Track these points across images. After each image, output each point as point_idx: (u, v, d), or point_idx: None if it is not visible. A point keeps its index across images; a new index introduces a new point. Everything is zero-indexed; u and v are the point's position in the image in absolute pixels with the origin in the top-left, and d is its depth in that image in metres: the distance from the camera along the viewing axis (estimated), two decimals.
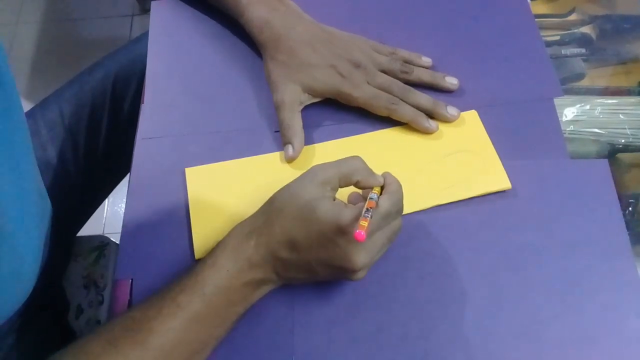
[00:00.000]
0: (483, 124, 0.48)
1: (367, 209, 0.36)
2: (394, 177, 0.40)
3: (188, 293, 0.37)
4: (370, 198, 0.37)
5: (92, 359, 0.35)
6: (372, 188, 0.39)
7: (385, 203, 0.38)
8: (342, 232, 0.36)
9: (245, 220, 0.40)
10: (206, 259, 0.39)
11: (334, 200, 0.38)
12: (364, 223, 0.34)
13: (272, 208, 0.39)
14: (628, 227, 0.42)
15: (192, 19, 0.57)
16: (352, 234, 0.35)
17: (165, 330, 0.36)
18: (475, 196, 0.44)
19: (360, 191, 0.42)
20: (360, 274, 0.38)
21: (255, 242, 0.38)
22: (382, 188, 0.40)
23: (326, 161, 0.47)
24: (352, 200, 0.42)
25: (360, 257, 0.37)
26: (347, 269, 0.37)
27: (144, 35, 0.60)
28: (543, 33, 0.53)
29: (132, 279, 0.43)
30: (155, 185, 0.47)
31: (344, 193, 0.42)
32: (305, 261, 0.38)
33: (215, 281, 0.37)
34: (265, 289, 0.40)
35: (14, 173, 0.39)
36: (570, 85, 0.57)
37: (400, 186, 0.40)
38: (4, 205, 0.37)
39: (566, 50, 0.58)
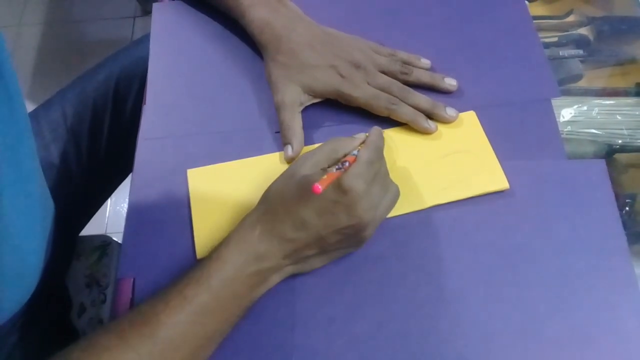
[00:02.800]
0: (481, 124, 0.48)
1: (342, 162, 0.39)
2: (374, 130, 0.43)
3: (194, 286, 0.37)
4: (352, 154, 0.40)
5: (101, 353, 0.35)
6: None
7: (363, 152, 0.40)
8: (339, 189, 0.38)
9: (247, 214, 0.41)
10: (211, 254, 0.39)
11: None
12: (327, 177, 0.37)
13: (270, 196, 0.41)
14: (625, 227, 0.42)
15: (194, 21, 0.57)
16: (349, 185, 0.38)
17: (173, 323, 0.36)
18: (474, 196, 0.45)
19: None
20: (369, 230, 0.40)
21: (260, 231, 0.39)
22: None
23: None
24: None
25: (364, 209, 0.38)
26: (354, 225, 0.39)
27: (146, 37, 0.60)
28: (541, 34, 0.53)
29: (134, 278, 0.43)
30: (157, 185, 0.48)
31: None
32: (315, 234, 0.39)
33: (220, 274, 0.38)
34: (272, 281, 0.41)
35: (18, 174, 0.39)
36: (567, 86, 0.57)
37: (379, 133, 0.42)
38: (7, 206, 0.37)
39: (564, 52, 0.58)
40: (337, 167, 0.39)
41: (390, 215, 0.44)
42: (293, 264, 0.41)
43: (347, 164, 0.39)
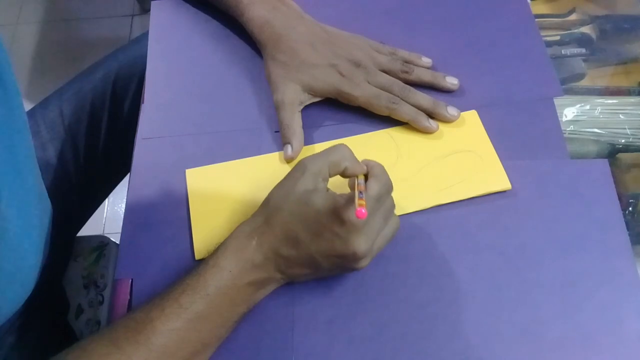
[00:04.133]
0: (483, 123, 0.48)
1: (359, 191, 0.36)
2: (375, 161, 0.41)
3: (190, 293, 0.37)
4: (359, 183, 0.38)
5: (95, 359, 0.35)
6: (357, 176, 0.39)
7: (374, 186, 0.38)
8: (339, 218, 0.37)
9: (245, 221, 0.41)
10: (208, 260, 0.39)
11: (327, 191, 0.39)
12: (361, 202, 0.34)
13: (269, 207, 0.40)
14: (628, 227, 0.42)
15: (193, 19, 0.57)
16: (349, 218, 0.36)
17: (168, 330, 0.36)
18: (476, 196, 0.44)
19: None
20: (364, 262, 0.38)
21: (257, 242, 0.38)
22: (366, 176, 0.40)
23: None
24: None
25: (361, 242, 0.37)
26: (348, 256, 0.38)
27: (144, 35, 0.60)
28: (543, 33, 0.53)
29: (132, 279, 0.43)
30: (155, 185, 0.47)
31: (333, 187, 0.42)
32: (308, 255, 0.38)
33: (217, 282, 0.37)
34: (269, 289, 0.40)
35: (15, 173, 0.39)
36: (570, 85, 0.57)
37: (383, 168, 0.40)
38: (4, 206, 0.37)
39: (566, 50, 0.58)
40: (359, 195, 0.36)
41: None
42: (286, 278, 0.40)
43: (362, 195, 0.37)
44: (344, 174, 0.40)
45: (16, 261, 0.39)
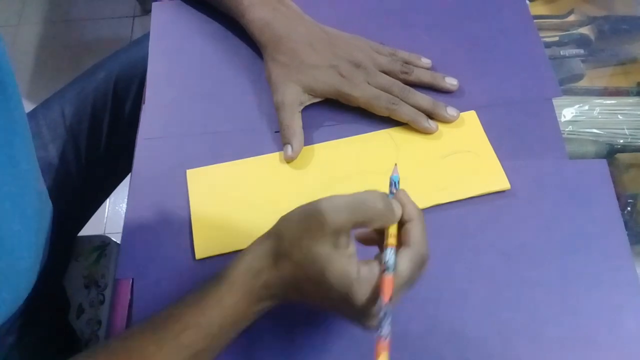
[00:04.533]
0: (482, 124, 0.48)
1: (385, 303, 0.30)
2: (415, 210, 0.34)
3: (193, 332, 0.34)
4: (387, 269, 0.31)
5: None
6: (385, 245, 0.33)
7: (407, 267, 0.32)
8: (353, 303, 0.32)
9: (251, 252, 0.36)
10: (212, 294, 0.35)
11: (347, 247, 0.33)
12: (383, 346, 0.29)
13: (280, 250, 0.35)
14: (627, 227, 0.42)
15: (193, 20, 0.57)
16: (369, 323, 0.32)
17: None
18: (475, 196, 0.44)
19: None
20: (374, 322, 0.34)
21: (265, 281, 0.35)
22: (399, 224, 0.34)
23: (325, 161, 0.47)
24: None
25: (373, 321, 0.33)
26: (357, 322, 0.35)
27: (145, 36, 0.60)
28: (542, 34, 0.53)
29: (133, 279, 0.43)
30: (157, 185, 0.47)
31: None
32: (315, 306, 0.38)
33: (222, 320, 0.35)
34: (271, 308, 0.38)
35: (14, 174, 0.39)
36: (569, 85, 0.57)
37: (423, 226, 0.34)
38: (3, 207, 0.37)
39: (565, 51, 0.58)
40: (381, 321, 0.30)
41: None
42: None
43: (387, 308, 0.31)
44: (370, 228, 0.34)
45: (14, 261, 0.39)
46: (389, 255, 0.32)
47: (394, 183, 0.37)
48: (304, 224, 0.34)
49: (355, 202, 0.33)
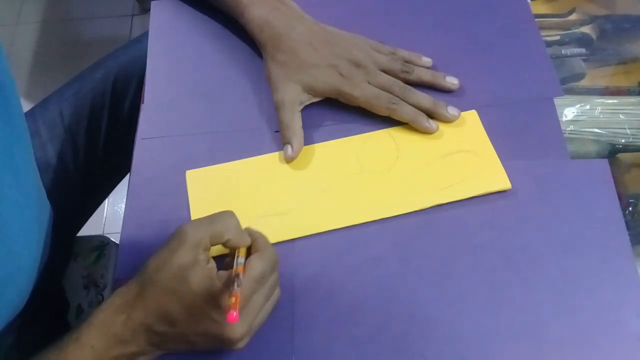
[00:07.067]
0: (483, 123, 0.48)
1: (235, 277, 0.34)
2: (259, 232, 0.39)
3: None
4: (238, 263, 0.36)
5: None
6: (237, 251, 0.38)
7: (257, 264, 0.37)
8: (215, 303, 0.35)
9: (119, 290, 0.38)
10: (71, 333, 0.37)
11: (207, 263, 0.37)
12: (234, 301, 0.32)
13: (144, 278, 0.37)
14: (628, 227, 0.42)
15: (192, 19, 0.57)
16: (225, 306, 0.34)
17: None
18: (475, 196, 0.44)
19: None
20: (241, 344, 0.37)
21: (127, 316, 0.36)
22: (249, 249, 0.39)
23: (325, 161, 0.47)
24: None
25: (236, 329, 0.36)
26: (224, 340, 0.36)
27: (144, 35, 0.60)
28: (543, 33, 0.53)
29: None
30: (155, 185, 0.47)
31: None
32: (183, 334, 0.37)
33: (78, 358, 0.35)
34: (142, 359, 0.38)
35: (13, 175, 0.39)
36: (570, 85, 0.57)
37: (267, 241, 0.39)
38: (2, 209, 0.36)
39: (566, 50, 0.58)
40: (233, 287, 0.34)
41: (390, 214, 0.44)
42: (161, 351, 0.39)
43: (238, 282, 0.34)
44: (225, 245, 0.38)
45: (13, 263, 0.39)
46: (239, 258, 0.37)
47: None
48: (167, 246, 0.37)
49: (211, 217, 0.38)
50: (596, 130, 0.53)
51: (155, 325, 0.36)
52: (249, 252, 0.39)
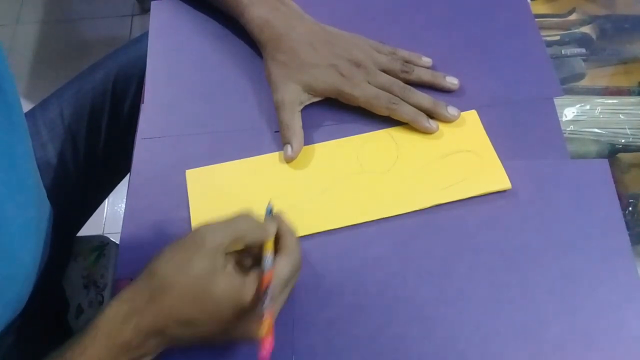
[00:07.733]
0: (483, 123, 0.48)
1: (264, 294, 0.33)
2: (287, 225, 0.38)
3: None
4: (267, 266, 0.35)
5: None
6: (263, 254, 0.36)
7: (285, 268, 0.36)
8: (242, 314, 0.35)
9: (118, 297, 0.36)
10: (74, 347, 0.35)
11: (227, 268, 0.35)
12: (267, 327, 0.32)
13: (155, 284, 0.35)
14: (628, 227, 0.42)
15: (192, 19, 0.57)
16: (256, 315, 0.34)
17: None
18: (475, 196, 0.44)
19: None
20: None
21: (136, 324, 0.34)
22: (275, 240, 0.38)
23: (325, 161, 0.47)
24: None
25: (260, 331, 0.34)
26: (247, 340, 0.36)
27: (144, 35, 0.60)
28: (543, 33, 0.53)
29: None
30: (155, 185, 0.47)
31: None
32: (202, 336, 0.36)
33: None
34: (148, 358, 0.37)
35: (13, 175, 0.39)
36: (570, 85, 0.57)
37: (295, 240, 0.38)
38: (2, 210, 0.36)
39: (566, 50, 0.58)
40: (263, 304, 0.33)
41: (390, 214, 0.44)
42: (169, 347, 0.37)
43: (269, 295, 0.34)
44: (247, 246, 0.37)
45: (13, 264, 0.39)
46: (267, 258, 0.36)
47: (268, 212, 0.39)
48: (181, 249, 0.35)
49: (228, 221, 0.37)
50: (596, 130, 0.53)
51: (171, 329, 0.35)
52: (274, 243, 0.38)
